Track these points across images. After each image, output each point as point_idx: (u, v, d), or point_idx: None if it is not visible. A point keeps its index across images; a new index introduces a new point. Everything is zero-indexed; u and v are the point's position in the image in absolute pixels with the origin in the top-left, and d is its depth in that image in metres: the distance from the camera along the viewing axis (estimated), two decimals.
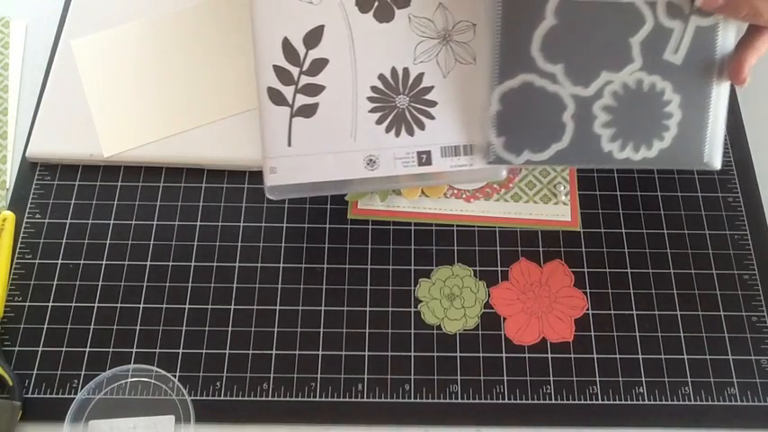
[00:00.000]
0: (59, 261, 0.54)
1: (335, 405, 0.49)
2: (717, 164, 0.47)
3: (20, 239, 0.54)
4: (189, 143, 0.57)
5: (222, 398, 0.49)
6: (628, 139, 0.46)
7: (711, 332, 0.52)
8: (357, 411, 0.49)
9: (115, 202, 0.56)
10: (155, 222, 0.55)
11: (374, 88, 0.47)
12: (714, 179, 0.58)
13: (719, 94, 0.46)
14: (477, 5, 0.47)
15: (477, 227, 0.56)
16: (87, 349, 0.50)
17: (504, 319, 0.52)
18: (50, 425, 0.48)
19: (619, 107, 0.46)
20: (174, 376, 0.50)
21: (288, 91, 0.47)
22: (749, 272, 0.54)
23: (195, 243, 0.54)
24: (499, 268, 0.54)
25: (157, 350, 0.51)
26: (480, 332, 0.52)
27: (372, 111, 0.47)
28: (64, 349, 0.50)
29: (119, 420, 0.48)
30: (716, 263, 0.54)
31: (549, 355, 0.51)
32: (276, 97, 0.47)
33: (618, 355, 0.51)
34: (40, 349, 0.50)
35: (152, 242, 0.54)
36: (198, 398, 0.49)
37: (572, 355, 0.51)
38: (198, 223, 0.55)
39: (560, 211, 0.56)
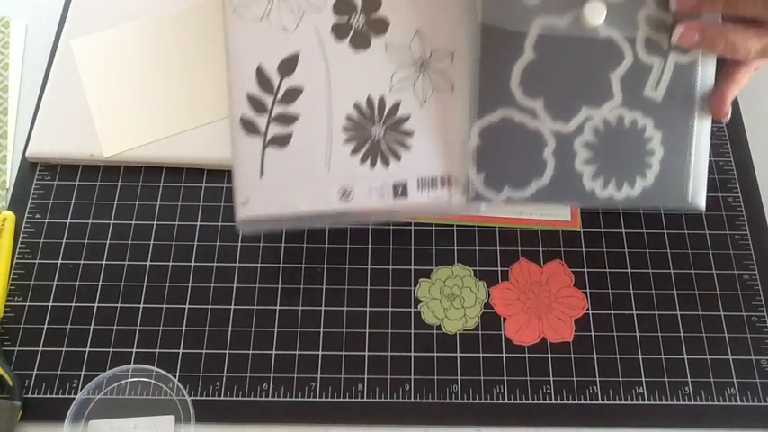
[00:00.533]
0: (59, 261, 0.54)
1: (335, 405, 0.49)
2: (701, 203, 0.47)
3: (20, 239, 0.54)
4: (189, 143, 0.57)
5: (222, 398, 0.49)
6: (610, 177, 0.46)
7: (711, 332, 0.52)
8: (357, 411, 0.49)
9: (115, 202, 0.56)
10: (155, 222, 0.55)
11: (349, 118, 0.46)
12: (714, 179, 0.58)
13: (701, 131, 0.46)
14: (455, 33, 0.46)
15: (477, 227, 0.56)
16: (87, 349, 0.50)
17: (504, 319, 0.52)
18: (50, 425, 0.48)
19: (600, 144, 0.45)
20: (174, 376, 0.50)
21: (261, 120, 0.46)
22: (749, 272, 0.54)
23: (195, 243, 0.54)
24: (499, 268, 0.54)
25: (157, 350, 0.51)
26: (480, 332, 0.52)
27: (347, 141, 0.46)
28: (64, 349, 0.50)
29: (119, 420, 0.48)
30: (716, 263, 0.54)
31: (549, 355, 0.51)
32: (249, 127, 0.46)
33: (618, 355, 0.51)
34: (40, 349, 0.50)
35: (152, 242, 0.54)
36: (198, 398, 0.49)
37: (572, 355, 0.51)
38: (198, 223, 0.55)
39: (560, 211, 0.56)
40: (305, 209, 0.46)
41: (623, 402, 0.49)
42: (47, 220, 0.55)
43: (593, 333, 0.52)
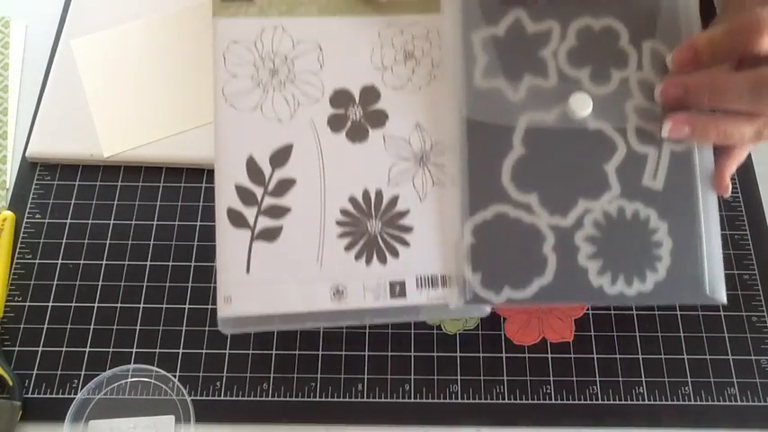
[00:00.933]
0: (59, 261, 0.54)
1: (335, 405, 0.49)
2: (721, 296, 0.44)
3: (20, 239, 0.54)
4: (189, 143, 0.57)
5: (222, 398, 0.49)
6: (618, 272, 0.43)
7: (711, 332, 0.52)
8: (357, 411, 0.49)
9: (115, 202, 0.56)
10: (155, 222, 0.55)
11: (344, 212, 0.44)
12: None
13: (709, 217, 0.44)
14: (455, 126, 0.45)
15: None
16: (87, 349, 0.50)
17: (504, 319, 0.52)
18: (50, 425, 0.48)
19: (603, 237, 0.43)
20: (174, 376, 0.50)
21: (250, 213, 0.43)
22: (749, 272, 0.54)
23: (195, 243, 0.54)
24: None
25: (157, 350, 0.51)
26: (480, 332, 0.52)
27: (341, 236, 0.43)
28: (64, 349, 0.50)
29: (119, 420, 0.48)
30: None
31: (549, 355, 0.51)
32: (236, 219, 0.43)
33: (618, 355, 0.51)
34: (40, 349, 0.50)
35: (152, 242, 0.54)
36: (198, 398, 0.49)
37: (572, 355, 0.51)
38: (198, 223, 0.55)
39: None
40: (294, 309, 0.43)
41: (623, 402, 0.49)
42: (47, 220, 0.55)
43: (593, 333, 0.52)
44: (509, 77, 0.45)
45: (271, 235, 0.43)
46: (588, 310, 0.53)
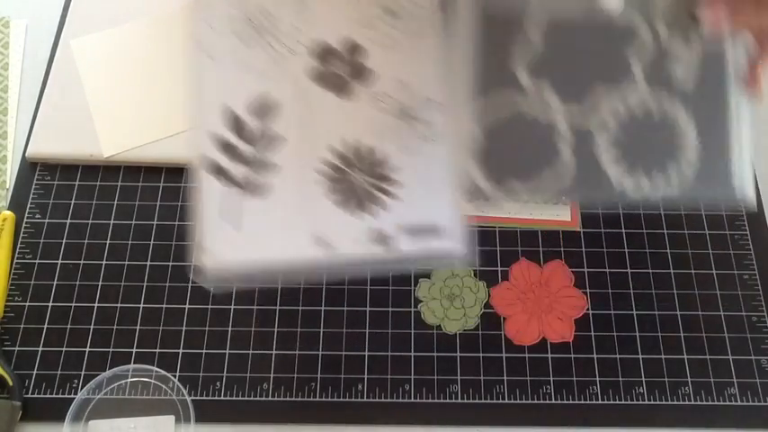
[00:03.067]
0: (59, 261, 0.53)
1: (335, 405, 0.49)
2: (750, 195, 0.43)
3: (20, 239, 0.54)
4: (189, 143, 0.57)
5: (222, 398, 0.49)
6: (641, 174, 0.42)
7: (711, 332, 0.52)
8: (357, 411, 0.49)
9: (115, 202, 0.56)
10: (154, 222, 0.55)
11: (329, 163, 0.44)
12: None
13: (740, 117, 0.43)
14: (441, 82, 0.45)
15: (478, 227, 0.56)
16: (87, 349, 0.50)
17: (504, 319, 0.52)
18: (50, 425, 0.48)
19: (626, 138, 0.42)
20: (174, 376, 0.50)
21: (230, 163, 0.43)
22: (749, 272, 0.54)
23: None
24: (499, 268, 0.54)
25: (157, 350, 0.51)
26: (480, 332, 0.52)
27: (328, 188, 0.43)
28: (64, 349, 0.50)
29: (119, 420, 0.48)
30: (716, 263, 0.54)
31: (549, 355, 0.51)
32: (215, 169, 0.43)
33: (618, 355, 0.51)
34: (40, 349, 0.50)
35: (152, 242, 0.54)
36: (198, 398, 0.49)
37: (572, 355, 0.51)
38: None
39: (560, 211, 0.56)
40: (276, 256, 0.42)
41: (623, 402, 0.49)
42: (47, 220, 0.55)
43: (593, 333, 0.52)
44: None
45: (253, 185, 0.43)
46: (588, 310, 0.53)
